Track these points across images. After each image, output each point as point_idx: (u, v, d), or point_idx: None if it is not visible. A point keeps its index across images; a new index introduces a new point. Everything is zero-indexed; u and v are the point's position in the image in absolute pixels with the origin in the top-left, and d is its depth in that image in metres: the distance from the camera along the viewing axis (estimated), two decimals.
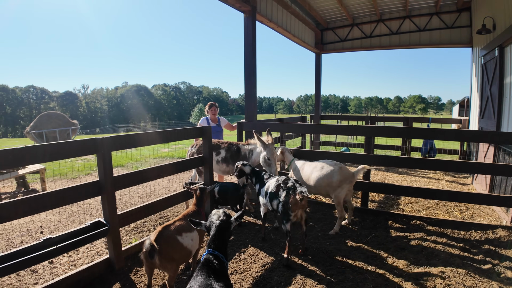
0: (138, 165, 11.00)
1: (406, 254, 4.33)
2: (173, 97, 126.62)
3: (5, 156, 2.96)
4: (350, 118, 17.33)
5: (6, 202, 3.05)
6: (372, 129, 5.87)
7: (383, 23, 11.53)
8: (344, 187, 5.10)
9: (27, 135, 15.48)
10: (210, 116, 7.24)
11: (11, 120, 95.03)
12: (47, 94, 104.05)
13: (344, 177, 5.09)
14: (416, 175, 9.24)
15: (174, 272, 3.27)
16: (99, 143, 3.64)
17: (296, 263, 4.18)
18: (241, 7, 6.91)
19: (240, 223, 5.47)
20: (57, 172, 10.08)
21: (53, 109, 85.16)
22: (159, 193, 7.76)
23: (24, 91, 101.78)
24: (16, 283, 3.93)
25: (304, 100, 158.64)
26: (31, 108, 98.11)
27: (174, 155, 13.06)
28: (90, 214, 6.34)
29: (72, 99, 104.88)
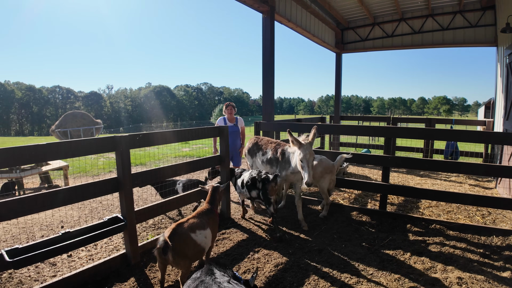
0: (158, 164, 11.16)
1: (423, 258, 4.23)
2: (194, 97, 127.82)
3: (29, 152, 3.09)
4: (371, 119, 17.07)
5: (32, 195, 3.17)
6: (392, 130, 5.76)
7: (405, 22, 11.34)
8: (326, 177, 5.67)
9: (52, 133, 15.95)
10: (227, 116, 7.21)
11: (37, 119, 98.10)
12: (72, 94, 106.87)
13: (325, 168, 5.66)
14: (438, 178, 9.03)
15: (187, 269, 3.31)
16: (118, 140, 3.72)
17: (310, 264, 4.15)
18: (259, 7, 6.93)
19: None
20: (80, 170, 10.34)
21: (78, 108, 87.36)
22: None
23: (51, 91, 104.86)
24: (34, 275, 4.06)
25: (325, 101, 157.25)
26: (57, 108, 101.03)
27: (194, 154, 13.19)
28: (110, 210, 6.48)
29: (97, 99, 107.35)
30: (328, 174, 5.65)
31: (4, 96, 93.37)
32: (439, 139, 6.06)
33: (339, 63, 12.78)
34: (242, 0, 6.51)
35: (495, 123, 9.39)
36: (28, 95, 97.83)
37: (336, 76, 12.79)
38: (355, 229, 5.24)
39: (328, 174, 5.65)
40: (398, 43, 11.77)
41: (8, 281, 3.92)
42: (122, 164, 3.74)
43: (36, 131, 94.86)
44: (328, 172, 5.64)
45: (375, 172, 9.66)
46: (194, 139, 5.02)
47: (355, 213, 5.87)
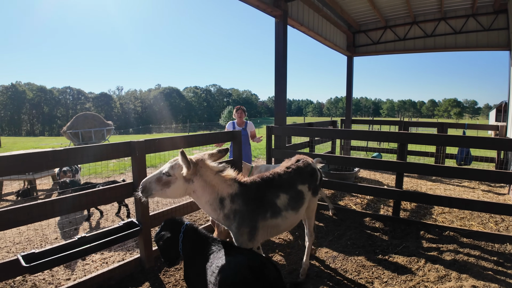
0: None
1: (437, 266, 4.19)
2: (203, 99, 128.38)
3: (60, 155, 3.23)
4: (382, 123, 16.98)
5: (47, 200, 3.20)
6: (406, 136, 5.70)
7: (417, 25, 11.24)
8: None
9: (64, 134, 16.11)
10: (237, 120, 7.18)
11: (48, 119, 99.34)
12: (83, 95, 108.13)
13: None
14: (450, 183, 8.94)
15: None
16: (134, 146, 3.75)
17: (324, 272, 4.14)
18: (272, 12, 6.93)
19: None
20: (90, 171, 10.42)
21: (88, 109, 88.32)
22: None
23: (61, 92, 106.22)
24: (49, 278, 4.10)
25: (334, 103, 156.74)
26: (68, 108, 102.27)
27: None
28: (123, 214, 6.53)
29: (107, 100, 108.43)
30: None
31: (16, 96, 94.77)
32: (453, 145, 5.97)
33: (350, 66, 12.72)
34: (255, 5, 6.53)
35: (509, 127, 9.27)
36: (39, 95, 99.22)
37: (348, 80, 12.71)
38: (368, 235, 5.21)
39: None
40: (410, 47, 11.68)
41: (22, 284, 3.97)
42: (138, 169, 3.77)
43: (47, 131, 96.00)
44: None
45: (386, 176, 9.59)
46: (207, 144, 5.05)
47: (368, 219, 5.83)
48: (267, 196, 3.14)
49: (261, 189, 3.14)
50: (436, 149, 10.13)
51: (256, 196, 3.06)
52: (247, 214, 2.95)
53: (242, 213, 2.94)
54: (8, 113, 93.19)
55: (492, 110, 43.96)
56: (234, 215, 2.94)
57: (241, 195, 2.97)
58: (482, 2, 9.72)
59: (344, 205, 6.68)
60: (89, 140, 15.47)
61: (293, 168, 3.56)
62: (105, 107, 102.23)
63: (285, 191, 3.29)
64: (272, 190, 3.21)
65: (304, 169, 3.62)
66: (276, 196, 3.20)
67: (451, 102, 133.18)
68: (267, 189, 3.18)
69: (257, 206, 3.03)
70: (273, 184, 3.26)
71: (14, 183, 9.16)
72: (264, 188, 3.16)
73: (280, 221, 3.20)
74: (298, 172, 3.54)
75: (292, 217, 3.33)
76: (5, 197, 8.04)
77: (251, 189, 3.07)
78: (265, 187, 3.18)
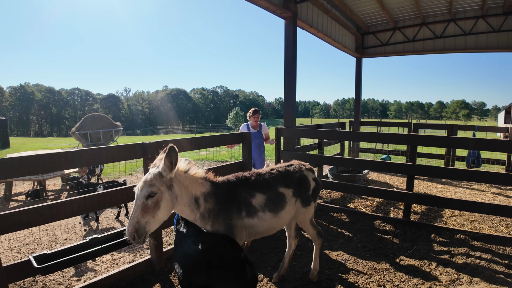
0: None
1: (449, 270, 4.15)
2: (210, 100, 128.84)
3: (78, 156, 3.30)
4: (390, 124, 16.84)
5: (61, 201, 3.22)
6: (417, 139, 5.65)
7: (427, 26, 11.17)
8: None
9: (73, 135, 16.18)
10: (251, 122, 7.02)
11: (56, 120, 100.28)
12: (91, 96, 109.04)
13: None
14: (460, 186, 8.86)
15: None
16: (146, 147, 3.76)
17: (335, 275, 4.12)
18: (282, 14, 6.93)
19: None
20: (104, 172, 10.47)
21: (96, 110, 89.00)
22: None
23: (70, 93, 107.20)
24: (59, 279, 4.12)
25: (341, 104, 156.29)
26: (76, 109, 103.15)
27: (212, 158, 13.27)
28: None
29: (115, 101, 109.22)
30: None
31: (24, 97, 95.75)
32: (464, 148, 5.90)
33: (359, 67, 12.66)
34: (265, 7, 6.53)
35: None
36: (47, 96, 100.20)
37: (356, 81, 12.65)
38: (379, 238, 5.17)
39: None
40: (419, 48, 11.61)
41: (32, 285, 3.99)
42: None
43: (55, 132, 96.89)
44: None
45: (396, 179, 9.53)
46: (217, 145, 5.05)
47: (378, 222, 5.79)
48: (241, 195, 3.03)
49: (234, 188, 3.03)
50: (446, 151, 10.05)
51: (228, 194, 2.96)
52: (220, 212, 2.86)
53: (215, 211, 2.84)
54: (17, 114, 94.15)
55: (501, 112, 43.56)
56: (209, 214, 2.82)
57: (214, 194, 2.87)
58: (492, 3, 9.65)
59: (354, 207, 6.64)
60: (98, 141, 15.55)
61: (279, 171, 3.45)
62: (113, 108, 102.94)
63: (261, 191, 3.16)
64: (246, 189, 3.08)
65: (291, 174, 3.49)
66: (251, 195, 3.08)
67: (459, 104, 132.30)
68: (240, 187, 3.06)
69: (230, 204, 2.93)
70: (248, 183, 3.14)
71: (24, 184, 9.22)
72: (237, 187, 3.05)
73: (257, 221, 3.08)
74: (283, 175, 3.42)
75: (270, 219, 3.18)
76: (14, 197, 8.11)
77: (223, 187, 2.97)
78: (239, 186, 3.07)
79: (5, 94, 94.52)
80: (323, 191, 7.55)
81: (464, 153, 10.81)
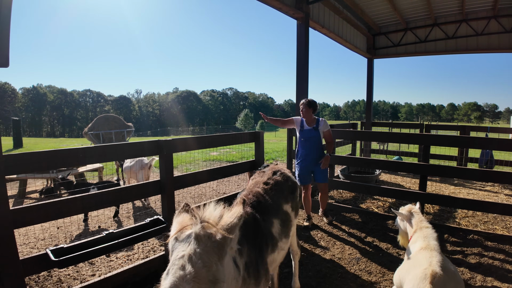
0: (189, 167, 11.33)
1: (462, 269, 4.15)
2: (220, 102, 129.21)
3: (97, 151, 3.36)
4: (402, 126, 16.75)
5: (75, 196, 3.28)
6: (431, 138, 5.63)
7: (439, 27, 11.09)
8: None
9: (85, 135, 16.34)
10: (303, 115, 5.60)
11: (68, 121, 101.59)
12: (102, 98, 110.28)
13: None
14: (472, 187, 8.77)
15: None
16: (162, 145, 3.81)
17: (348, 273, 4.13)
18: (295, 14, 6.97)
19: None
20: (113, 171, 10.59)
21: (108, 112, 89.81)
22: (209, 195, 7.95)
23: (81, 94, 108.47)
24: (73, 273, 4.17)
25: (351, 106, 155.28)
26: (87, 111, 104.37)
27: (222, 159, 13.31)
28: (145, 213, 6.63)
29: (126, 103, 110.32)
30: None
31: (37, 98, 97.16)
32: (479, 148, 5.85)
33: (370, 68, 12.63)
34: (278, 7, 6.58)
35: None
36: (59, 98, 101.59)
37: (368, 82, 12.62)
38: (391, 238, 5.15)
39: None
40: (431, 49, 11.55)
41: (47, 280, 4.02)
42: (165, 168, 3.83)
43: (67, 133, 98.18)
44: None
45: (407, 180, 9.47)
46: (230, 144, 5.09)
47: (390, 222, 5.77)
48: (264, 226, 2.43)
49: (256, 218, 2.37)
50: (459, 152, 9.97)
51: (255, 230, 2.29)
52: (259, 262, 2.14)
53: (254, 264, 2.07)
54: (30, 115, 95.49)
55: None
56: (248, 271, 1.97)
57: (245, 237, 1.97)
58: (503, 3, 9.56)
59: (366, 208, 6.62)
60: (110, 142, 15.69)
61: (272, 184, 2.87)
62: (124, 110, 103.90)
63: (274, 215, 2.61)
64: (265, 217, 2.49)
65: (284, 184, 2.97)
66: (270, 223, 2.53)
67: (471, 106, 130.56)
68: (259, 214, 2.43)
69: (260, 245, 2.24)
70: (261, 206, 2.55)
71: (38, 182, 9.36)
72: (257, 215, 2.41)
73: (277, 255, 2.55)
74: (278, 188, 2.87)
75: (285, 246, 2.72)
76: (28, 195, 8.23)
77: (250, 223, 2.24)
78: (257, 213, 2.43)
79: (18, 95, 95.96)
80: (335, 191, 7.55)
81: (477, 155, 10.70)
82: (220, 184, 8.98)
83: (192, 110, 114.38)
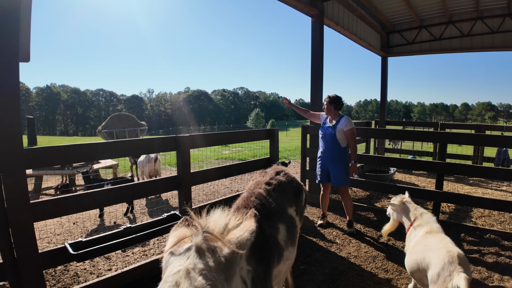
0: (202, 165, 11.38)
1: (479, 268, 4.11)
2: (231, 102, 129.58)
3: (115, 146, 3.40)
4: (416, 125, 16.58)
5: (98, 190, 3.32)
6: (448, 136, 5.55)
7: (453, 25, 10.93)
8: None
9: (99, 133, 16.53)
10: (325, 113, 5.38)
11: (81, 120, 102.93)
12: (115, 97, 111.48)
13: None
14: (488, 187, 8.64)
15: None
16: (179, 140, 3.83)
17: (365, 270, 4.10)
18: (309, 12, 6.95)
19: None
20: (126, 169, 10.70)
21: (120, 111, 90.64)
22: (223, 192, 7.97)
23: (94, 93, 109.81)
24: (90, 268, 4.22)
25: (363, 106, 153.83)
26: (100, 110, 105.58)
27: (234, 157, 13.35)
28: (160, 209, 6.67)
29: (138, 102, 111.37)
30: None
31: (51, 98, 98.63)
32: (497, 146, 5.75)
33: (384, 66, 12.50)
34: (293, 5, 6.56)
35: None
36: (73, 97, 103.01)
37: (382, 80, 12.49)
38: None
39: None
40: (446, 47, 11.39)
41: (63, 274, 4.07)
42: (183, 163, 3.85)
43: (80, 131, 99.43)
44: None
45: (422, 179, 9.37)
46: (246, 141, 5.11)
47: None
48: (269, 233, 2.13)
49: (263, 226, 2.04)
50: (474, 150, 9.83)
51: (261, 238, 1.95)
52: (265, 278, 1.87)
53: (262, 279, 1.80)
54: (43, 114, 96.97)
55: None
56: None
57: (252, 250, 1.60)
58: None
59: (381, 206, 6.57)
60: None
61: (275, 185, 2.59)
62: (136, 109, 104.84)
63: (280, 219, 2.32)
64: (271, 222, 2.21)
65: (288, 185, 2.71)
66: (276, 229, 2.22)
67: (485, 106, 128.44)
68: (263, 220, 2.10)
69: (267, 255, 1.98)
70: (266, 210, 2.26)
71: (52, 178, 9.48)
72: (263, 222, 2.06)
73: (282, 265, 2.24)
74: (282, 190, 2.60)
75: (291, 256, 2.42)
76: (44, 192, 8.35)
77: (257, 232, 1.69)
78: (264, 218, 2.12)
79: (32, 94, 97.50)
80: (349, 190, 7.48)
81: (492, 154, 10.54)
82: (233, 182, 9.00)
83: (203, 110, 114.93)
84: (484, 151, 10.38)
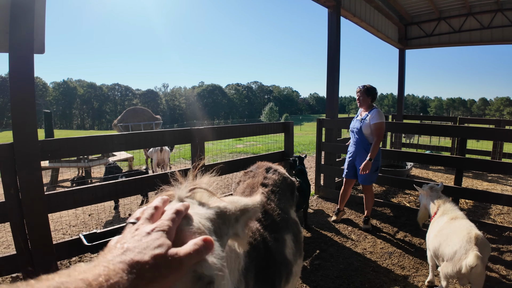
0: (215, 158, 11.39)
1: (498, 266, 4.01)
2: (245, 96, 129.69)
3: (139, 137, 3.44)
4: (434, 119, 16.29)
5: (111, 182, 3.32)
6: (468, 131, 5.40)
7: (473, 16, 10.64)
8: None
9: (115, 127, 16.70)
10: (359, 105, 5.07)
11: (97, 114, 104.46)
12: (130, 92, 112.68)
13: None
14: (508, 184, 8.43)
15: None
16: (194, 133, 3.81)
17: (381, 267, 4.03)
18: (326, 2, 6.85)
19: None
20: (141, 162, 10.76)
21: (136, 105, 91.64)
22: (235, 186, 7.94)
23: (110, 88, 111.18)
24: None
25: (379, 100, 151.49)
26: (116, 104, 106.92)
27: (248, 151, 13.31)
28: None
29: (153, 96, 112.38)
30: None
31: (67, 92, 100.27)
32: None
33: (402, 59, 12.27)
34: None
35: None
36: (89, 92, 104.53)
37: (400, 74, 12.27)
38: (424, 233, 4.98)
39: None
40: (466, 39, 11.10)
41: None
42: (197, 156, 3.83)
43: (96, 125, 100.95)
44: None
45: (439, 175, 9.18)
46: (261, 134, 5.07)
47: None
48: (275, 249, 1.76)
49: (267, 240, 1.72)
50: (493, 145, 9.58)
51: (265, 255, 1.64)
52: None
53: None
54: (60, 108, 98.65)
55: None
56: None
57: (250, 264, 1.35)
58: None
59: (398, 202, 6.45)
60: None
61: (271, 185, 2.24)
62: (151, 103, 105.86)
63: (286, 229, 1.97)
64: (276, 235, 1.84)
65: (283, 183, 2.37)
66: (282, 243, 1.87)
67: (504, 101, 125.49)
68: (270, 232, 1.78)
69: (272, 275, 1.65)
70: (273, 219, 1.92)
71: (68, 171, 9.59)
72: (268, 234, 1.76)
73: (290, 286, 1.90)
74: (280, 190, 2.26)
75: (299, 270, 2.10)
76: (60, 184, 8.46)
77: (259, 244, 1.62)
78: (268, 230, 1.78)
79: (49, 89, 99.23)
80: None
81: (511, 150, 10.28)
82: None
83: (217, 104, 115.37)
84: (503, 147, 10.13)
